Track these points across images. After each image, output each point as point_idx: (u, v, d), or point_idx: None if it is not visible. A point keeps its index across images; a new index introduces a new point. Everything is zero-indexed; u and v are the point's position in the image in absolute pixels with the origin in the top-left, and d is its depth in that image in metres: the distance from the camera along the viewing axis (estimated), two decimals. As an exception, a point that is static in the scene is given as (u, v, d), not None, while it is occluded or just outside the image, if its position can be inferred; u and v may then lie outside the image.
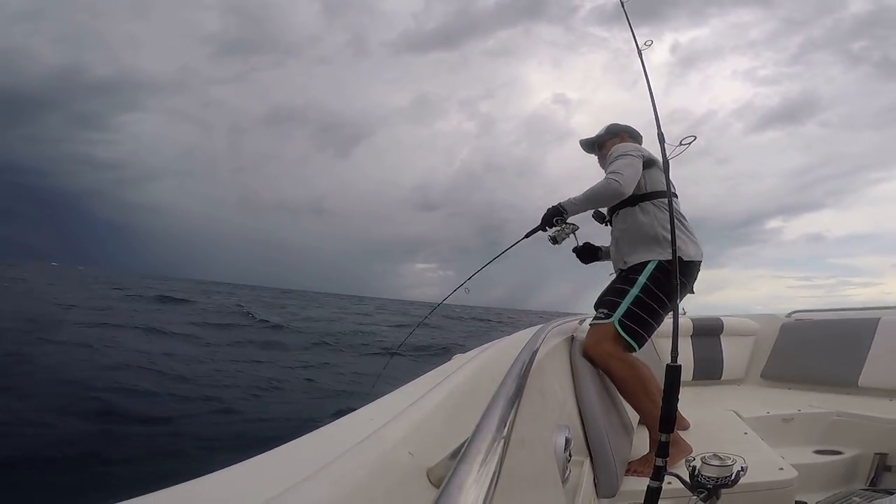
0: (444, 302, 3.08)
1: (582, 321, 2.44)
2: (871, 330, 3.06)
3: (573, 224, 2.32)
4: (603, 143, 2.46)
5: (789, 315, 3.79)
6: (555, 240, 2.33)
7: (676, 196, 2.18)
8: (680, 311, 1.62)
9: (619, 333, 2.01)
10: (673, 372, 1.45)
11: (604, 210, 2.39)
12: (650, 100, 1.91)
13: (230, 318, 16.54)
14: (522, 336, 1.55)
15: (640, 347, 2.15)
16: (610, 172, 2.16)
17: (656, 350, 3.25)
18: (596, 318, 2.11)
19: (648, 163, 2.21)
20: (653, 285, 2.05)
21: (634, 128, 2.48)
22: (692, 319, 3.69)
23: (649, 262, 2.09)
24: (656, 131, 1.82)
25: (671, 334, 1.49)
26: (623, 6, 2.12)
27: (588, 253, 2.55)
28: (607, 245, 2.45)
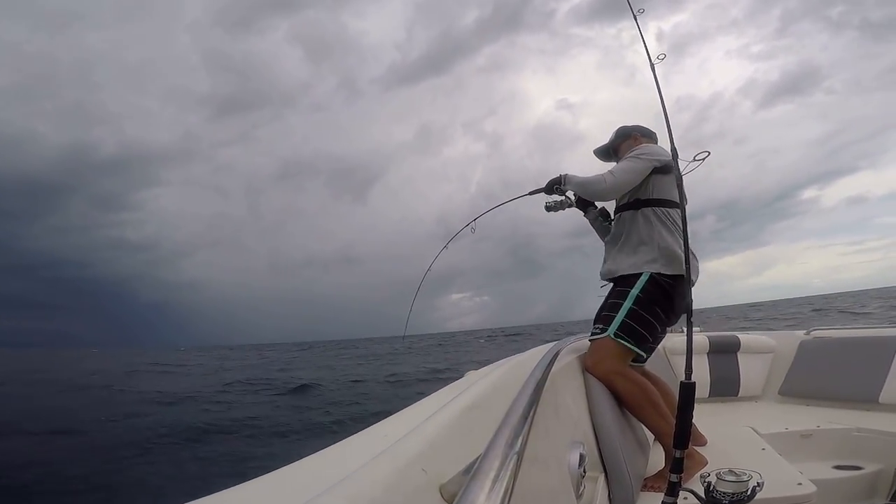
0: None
1: None
2: (892, 347, 3.00)
3: (569, 199, 2.39)
4: (617, 148, 2.42)
5: (808, 332, 3.72)
6: (548, 207, 2.41)
7: (679, 206, 2.06)
8: (695, 329, 1.60)
9: (618, 348, 1.97)
10: (687, 389, 1.44)
11: (610, 209, 2.38)
12: (664, 117, 1.84)
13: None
14: (536, 353, 1.55)
15: (646, 357, 2.10)
16: (609, 170, 2.15)
17: (672, 367, 3.20)
18: (592, 333, 2.07)
19: (665, 169, 2.12)
20: (646, 297, 2.00)
21: (646, 126, 2.42)
22: (708, 336, 3.63)
23: (642, 273, 2.03)
24: (669, 147, 1.79)
25: (685, 352, 1.48)
26: (636, 20, 2.02)
27: (583, 202, 2.46)
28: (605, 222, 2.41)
